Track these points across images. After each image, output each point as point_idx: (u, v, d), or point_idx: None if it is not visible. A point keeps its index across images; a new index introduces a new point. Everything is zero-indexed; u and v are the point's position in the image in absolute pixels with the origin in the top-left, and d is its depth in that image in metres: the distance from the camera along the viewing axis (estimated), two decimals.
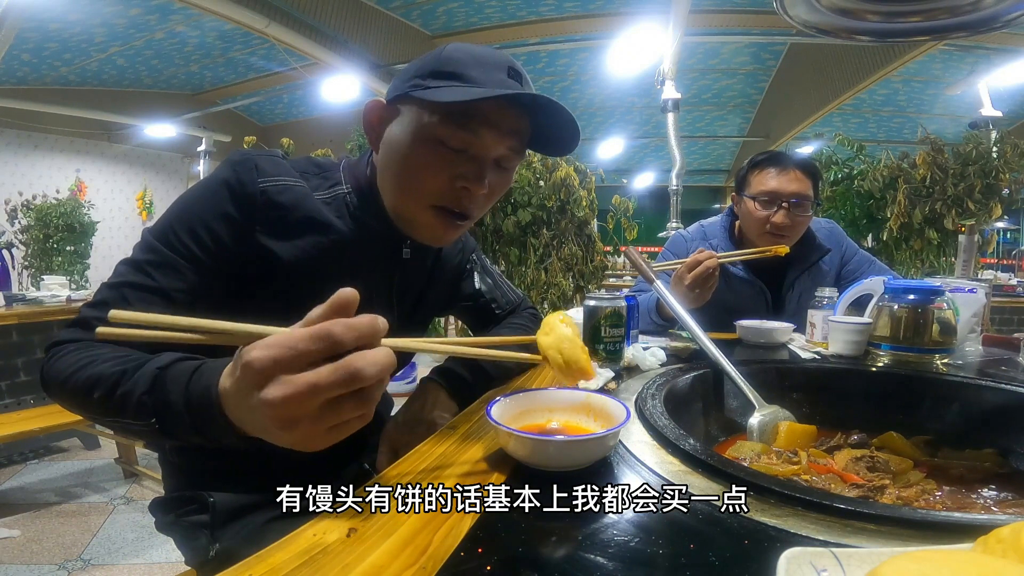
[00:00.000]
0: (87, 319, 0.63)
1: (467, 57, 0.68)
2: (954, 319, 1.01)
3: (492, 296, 1.00)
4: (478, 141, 0.68)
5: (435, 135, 0.68)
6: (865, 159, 3.58)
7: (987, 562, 0.27)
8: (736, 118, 8.84)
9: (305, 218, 0.72)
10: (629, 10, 5.15)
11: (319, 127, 8.12)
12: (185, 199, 0.71)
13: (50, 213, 4.89)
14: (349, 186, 0.78)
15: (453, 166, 0.69)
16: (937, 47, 5.34)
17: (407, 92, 0.69)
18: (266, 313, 0.69)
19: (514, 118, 0.70)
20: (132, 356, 0.56)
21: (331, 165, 0.80)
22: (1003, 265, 7.49)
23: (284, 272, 0.71)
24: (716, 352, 0.84)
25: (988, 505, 0.63)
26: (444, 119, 0.67)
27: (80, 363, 0.57)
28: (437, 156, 0.69)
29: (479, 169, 0.69)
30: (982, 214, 3.16)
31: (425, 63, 0.70)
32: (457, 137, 0.68)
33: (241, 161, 0.71)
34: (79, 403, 0.57)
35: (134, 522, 2.08)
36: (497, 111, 0.68)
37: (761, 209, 1.39)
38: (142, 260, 0.66)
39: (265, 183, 0.70)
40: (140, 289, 0.64)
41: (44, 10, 4.55)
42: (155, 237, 0.68)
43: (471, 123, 0.67)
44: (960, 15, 0.94)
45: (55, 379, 0.59)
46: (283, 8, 5.12)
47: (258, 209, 0.69)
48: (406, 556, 0.37)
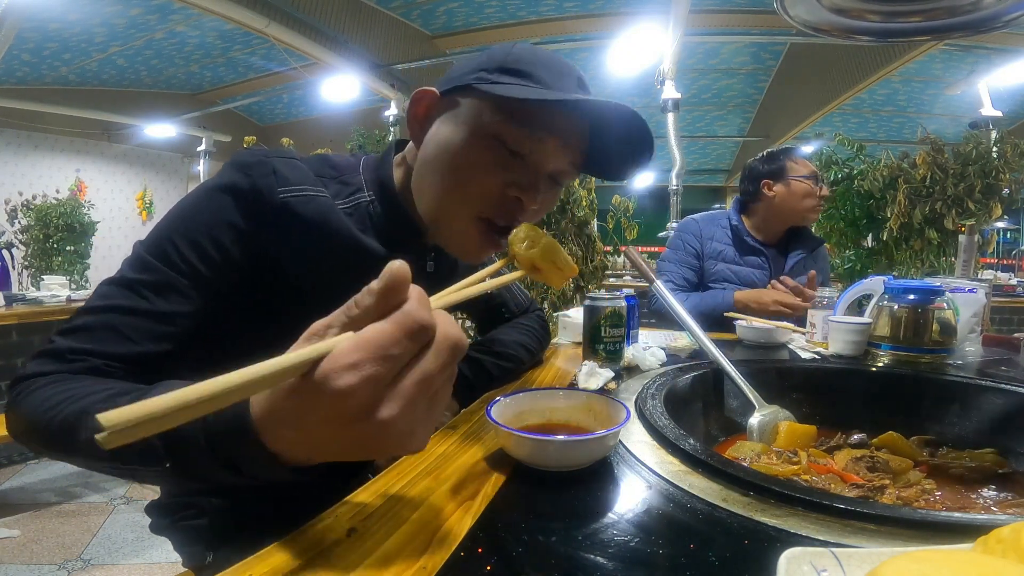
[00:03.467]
0: (60, 351, 0.53)
1: (538, 58, 0.64)
2: (954, 319, 1.01)
3: (503, 299, 1.00)
4: (540, 147, 0.63)
5: (496, 133, 0.62)
6: (865, 159, 3.57)
7: (987, 562, 0.27)
8: (736, 118, 8.83)
9: (329, 234, 0.63)
10: (629, 10, 5.15)
11: (319, 127, 8.12)
12: (185, 207, 0.61)
13: (50, 213, 4.89)
14: (372, 193, 0.70)
15: (508, 171, 0.63)
16: (937, 47, 5.34)
17: (469, 83, 0.63)
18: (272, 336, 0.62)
19: (581, 132, 0.65)
20: (123, 388, 0.47)
21: (348, 166, 0.72)
22: (1003, 265, 7.48)
23: (299, 292, 0.64)
24: (716, 352, 0.84)
25: (988, 505, 0.63)
26: (509, 118, 0.61)
27: (58, 400, 0.47)
28: (493, 157, 0.62)
29: (534, 179, 0.64)
30: (982, 214, 3.16)
31: (492, 57, 0.64)
32: (521, 139, 0.62)
33: (257, 164, 0.61)
34: (61, 448, 0.48)
35: (134, 522, 2.09)
36: (566, 120, 0.63)
37: (813, 185, 1.66)
38: (134, 279, 0.56)
39: (287, 194, 0.61)
40: (133, 314, 0.55)
41: (44, 10, 4.55)
42: (150, 252, 0.58)
43: (538, 127, 0.62)
44: (960, 15, 0.94)
45: (26, 420, 0.49)
46: (283, 8, 5.12)
47: (276, 222, 0.61)
48: (406, 556, 0.37)
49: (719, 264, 1.71)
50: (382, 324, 0.32)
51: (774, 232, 1.73)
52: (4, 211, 5.10)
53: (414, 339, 0.32)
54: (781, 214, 1.69)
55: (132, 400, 0.42)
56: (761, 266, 1.71)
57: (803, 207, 1.66)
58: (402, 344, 0.32)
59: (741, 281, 1.69)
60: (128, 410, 0.26)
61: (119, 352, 0.54)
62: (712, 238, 1.73)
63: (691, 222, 1.80)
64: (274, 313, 0.63)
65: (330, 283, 0.62)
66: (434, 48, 6.45)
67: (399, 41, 6.15)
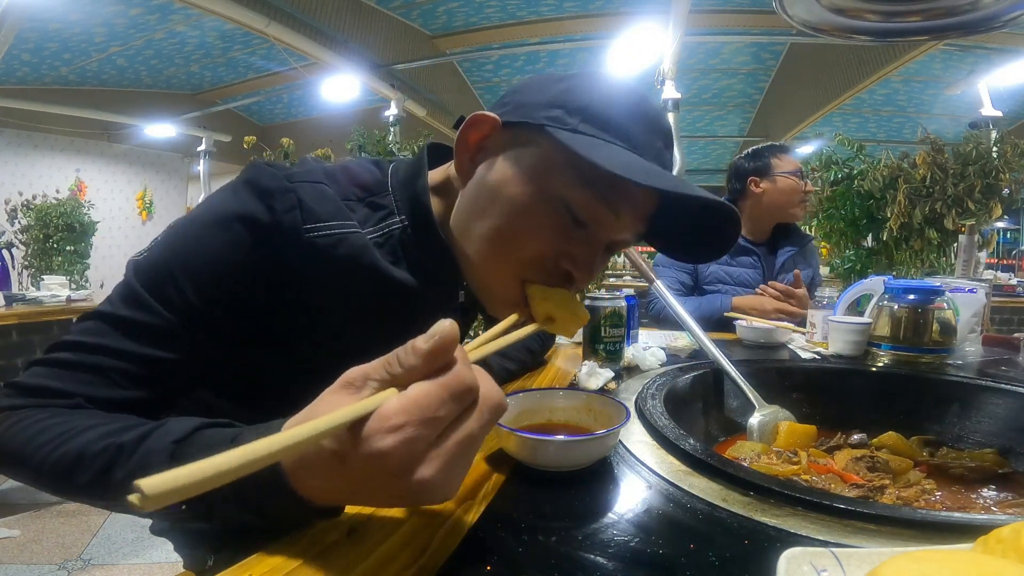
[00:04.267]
0: (40, 389, 0.48)
1: (629, 108, 0.54)
2: (954, 319, 1.01)
3: None
4: (609, 220, 0.54)
5: (565, 196, 0.53)
6: (865, 159, 3.57)
7: (987, 562, 0.27)
8: (736, 118, 8.83)
9: (359, 274, 0.56)
10: (629, 10, 5.15)
11: (319, 127, 8.11)
12: (192, 235, 0.53)
13: (50, 213, 4.89)
14: (404, 216, 0.60)
15: (567, 241, 0.55)
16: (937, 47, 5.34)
17: (543, 125, 0.53)
18: (289, 372, 0.59)
19: (654, 202, 0.57)
20: (116, 424, 0.44)
21: (376, 183, 0.62)
22: (1003, 265, 7.48)
23: (321, 330, 0.57)
24: (716, 352, 0.84)
25: (988, 505, 0.63)
26: (585, 181, 0.52)
27: (48, 437, 0.43)
28: (555, 223, 0.54)
29: (592, 253, 0.56)
30: (982, 214, 3.16)
31: (574, 93, 0.54)
32: (591, 208, 0.53)
33: (280, 193, 0.52)
34: (53, 487, 0.45)
35: (134, 522, 2.08)
36: (645, 193, 0.55)
37: (799, 180, 1.68)
38: (126, 318, 0.50)
39: (314, 233, 0.53)
40: (121, 358, 0.49)
41: (44, 10, 4.55)
42: (146, 286, 0.51)
43: (615, 199, 0.53)
44: (960, 15, 0.94)
45: (12, 458, 0.45)
46: (283, 8, 5.12)
47: (300, 264, 0.53)
48: (406, 556, 0.37)
49: (712, 265, 1.73)
50: (429, 385, 0.31)
51: (763, 229, 1.76)
52: (4, 211, 5.09)
53: (460, 402, 0.32)
54: (768, 210, 1.72)
55: (136, 437, 0.41)
56: (753, 265, 1.73)
57: (790, 203, 1.69)
58: (448, 407, 0.31)
59: (735, 281, 1.71)
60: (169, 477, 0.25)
61: (104, 397, 0.49)
62: None
63: None
64: (292, 348, 0.58)
65: (356, 318, 0.59)
66: (434, 48, 6.45)
67: (399, 41, 6.16)
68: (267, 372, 0.60)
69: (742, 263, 1.74)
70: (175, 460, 0.38)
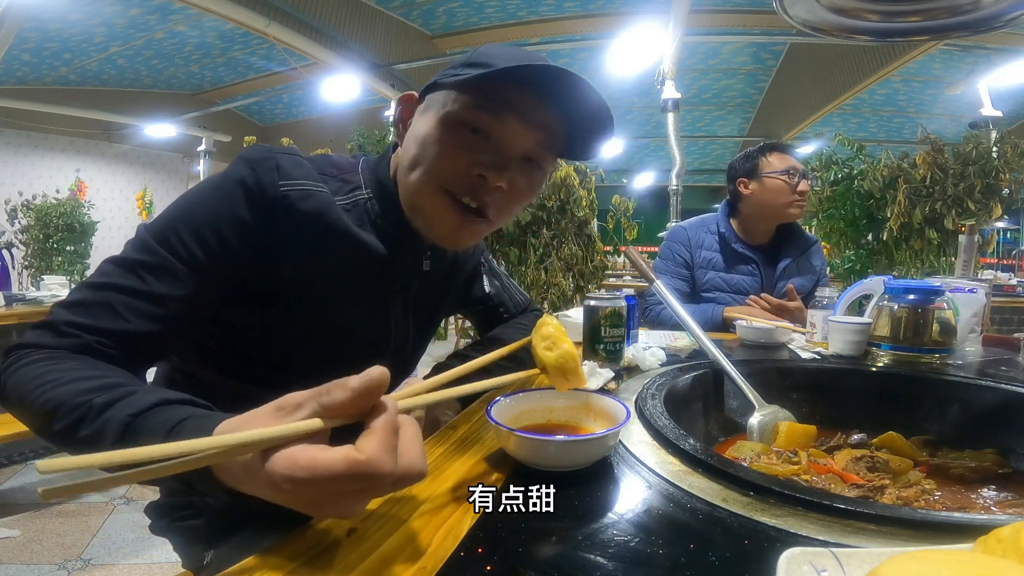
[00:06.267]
0: (57, 324, 0.55)
1: (501, 51, 0.66)
2: (954, 319, 1.01)
3: (501, 300, 1.00)
4: (501, 127, 0.64)
5: (459, 118, 0.64)
6: (865, 159, 3.57)
7: (987, 562, 0.27)
8: (736, 118, 8.84)
9: (327, 229, 0.65)
10: (629, 10, 5.15)
11: (319, 127, 8.13)
12: (192, 197, 0.64)
13: (50, 213, 4.89)
14: (369, 190, 0.72)
15: (473, 151, 0.64)
16: (937, 47, 5.35)
17: (435, 80, 0.66)
18: (268, 331, 0.68)
19: (540, 108, 0.65)
20: (99, 381, 0.48)
21: (349, 165, 0.74)
22: (1003, 265, 7.48)
23: (296, 288, 0.65)
24: (716, 352, 0.84)
25: (988, 505, 0.63)
26: (468, 102, 0.63)
27: (41, 380, 0.49)
28: (457, 138, 0.64)
29: (501, 160, 0.65)
30: (982, 214, 3.16)
31: (462, 58, 0.67)
32: (482, 119, 0.64)
33: (261, 159, 0.64)
34: (39, 429, 0.50)
35: (134, 522, 2.08)
36: (521, 96, 0.64)
37: (790, 180, 1.60)
38: (135, 260, 0.59)
39: (287, 187, 0.63)
40: (128, 293, 0.57)
41: (44, 10, 4.55)
42: (153, 236, 0.60)
43: (495, 106, 0.63)
44: (960, 15, 0.94)
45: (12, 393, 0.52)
46: (283, 8, 5.12)
47: (276, 216, 0.63)
48: (406, 556, 0.37)
49: (709, 272, 1.68)
50: (336, 457, 0.32)
51: (760, 231, 1.70)
52: (4, 211, 5.10)
53: (359, 482, 0.33)
54: (760, 211, 1.66)
55: (105, 401, 0.46)
56: (752, 273, 1.68)
57: (779, 203, 1.63)
58: (346, 484, 0.33)
59: (732, 289, 1.66)
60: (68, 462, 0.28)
61: (111, 328, 0.56)
62: (701, 246, 1.70)
63: (679, 230, 1.76)
64: (270, 307, 0.65)
65: (322, 277, 0.67)
66: (434, 48, 6.45)
67: (399, 41, 6.16)
68: (250, 327, 0.68)
69: (740, 271, 1.68)
70: (126, 434, 0.43)
